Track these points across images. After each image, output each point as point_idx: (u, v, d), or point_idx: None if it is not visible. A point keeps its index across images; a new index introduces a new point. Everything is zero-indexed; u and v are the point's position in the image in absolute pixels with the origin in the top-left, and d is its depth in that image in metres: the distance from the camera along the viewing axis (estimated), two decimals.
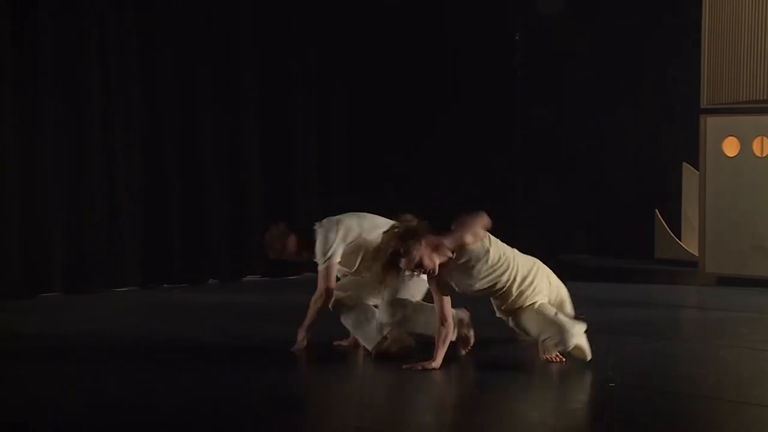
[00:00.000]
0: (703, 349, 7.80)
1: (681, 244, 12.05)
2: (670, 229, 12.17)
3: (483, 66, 12.31)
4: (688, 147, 11.59)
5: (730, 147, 10.74)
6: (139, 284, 10.41)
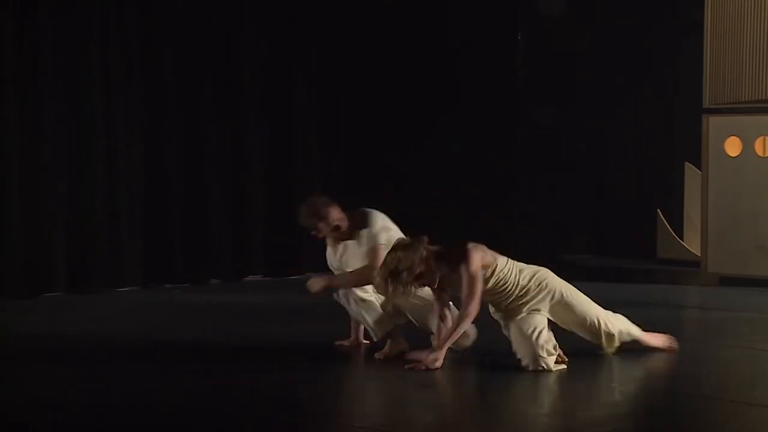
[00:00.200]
0: (705, 349, 7.80)
1: (683, 244, 12.03)
2: (672, 229, 12.16)
3: (483, 66, 12.29)
4: (690, 147, 11.57)
5: (733, 147, 10.72)
6: (140, 284, 10.40)
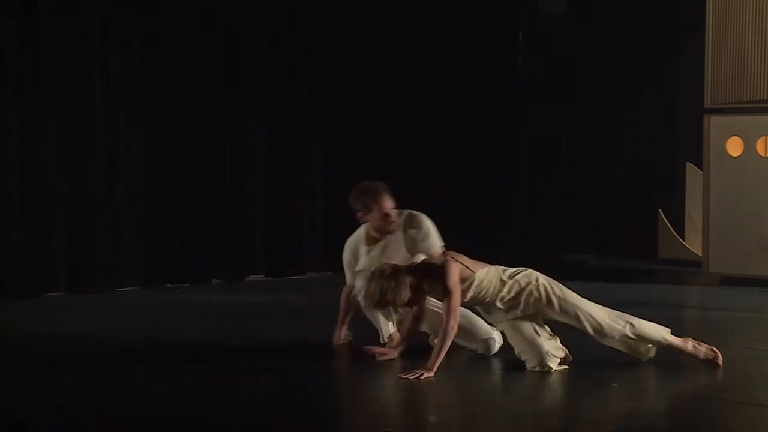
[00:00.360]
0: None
1: (684, 244, 12.03)
2: (674, 229, 12.15)
3: (483, 66, 12.27)
4: (692, 147, 11.56)
5: (734, 147, 10.71)
6: (140, 284, 10.40)
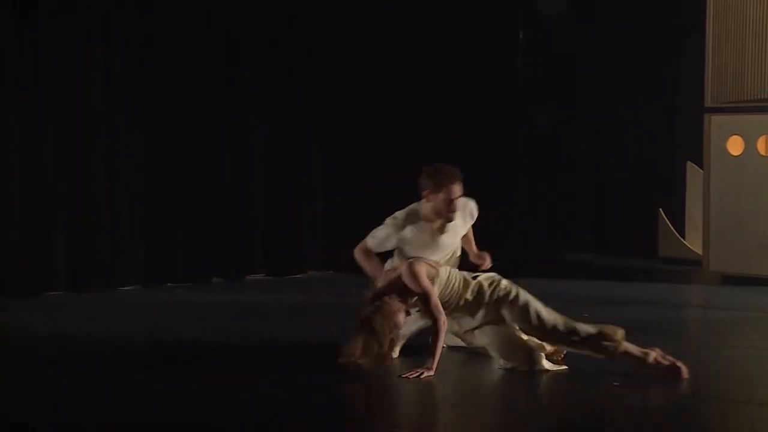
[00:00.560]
0: (707, 349, 7.78)
1: (685, 243, 12.03)
2: (674, 228, 12.15)
3: (484, 66, 12.28)
4: (693, 146, 11.57)
5: (735, 146, 10.71)
6: (141, 283, 10.40)
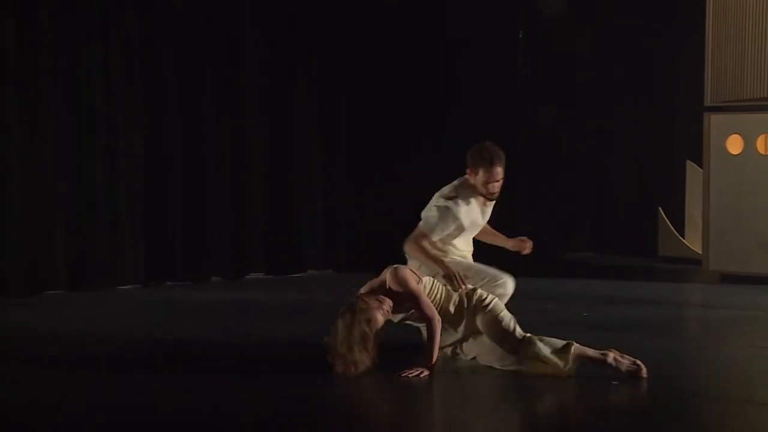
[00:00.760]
0: (706, 348, 7.79)
1: (684, 241, 12.03)
2: (674, 227, 12.16)
3: (483, 66, 12.27)
4: (692, 145, 11.57)
5: (734, 145, 10.72)
6: (141, 282, 10.41)
